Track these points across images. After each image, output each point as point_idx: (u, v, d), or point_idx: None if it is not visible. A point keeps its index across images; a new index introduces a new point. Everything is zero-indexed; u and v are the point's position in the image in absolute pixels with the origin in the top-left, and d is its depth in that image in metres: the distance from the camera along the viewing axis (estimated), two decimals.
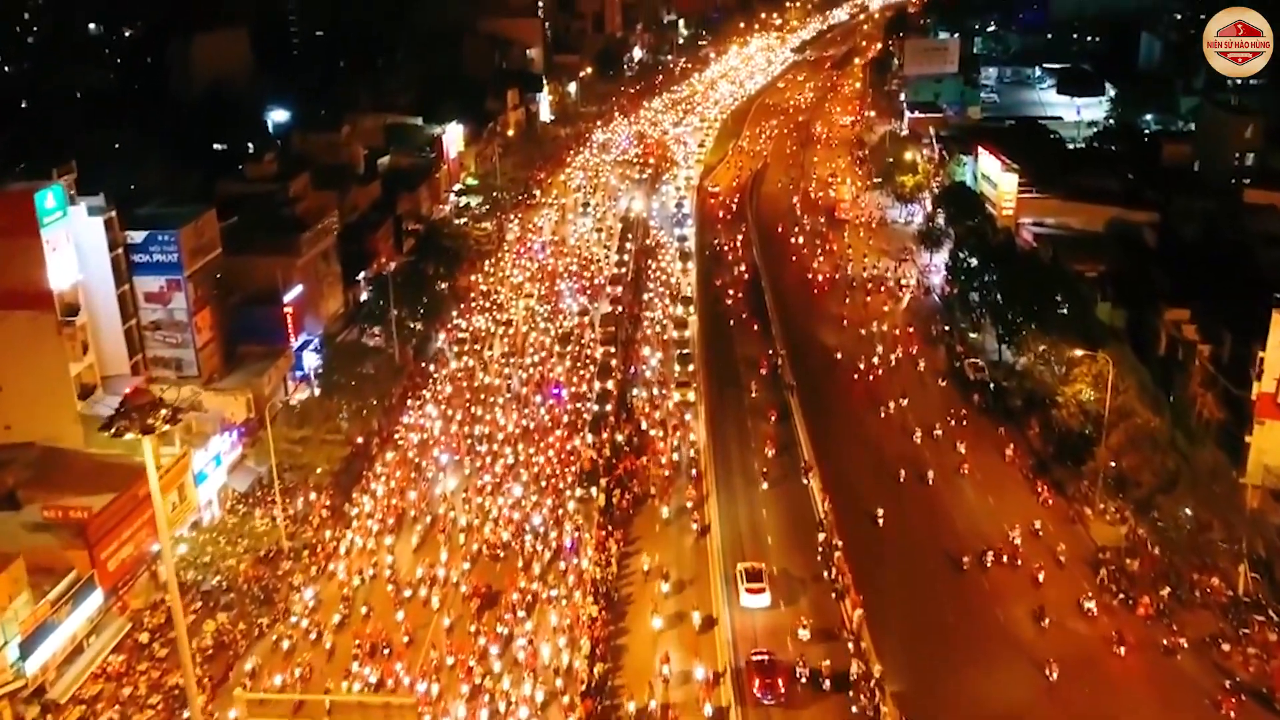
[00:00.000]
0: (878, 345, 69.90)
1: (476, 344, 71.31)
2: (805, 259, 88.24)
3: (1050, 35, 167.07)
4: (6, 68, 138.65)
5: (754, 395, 63.77)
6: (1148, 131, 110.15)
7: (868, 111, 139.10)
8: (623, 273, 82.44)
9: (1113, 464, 49.79)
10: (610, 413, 59.28)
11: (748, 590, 44.14)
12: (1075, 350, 52.35)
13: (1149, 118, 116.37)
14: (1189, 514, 45.83)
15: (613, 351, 67.65)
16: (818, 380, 65.40)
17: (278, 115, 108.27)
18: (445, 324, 73.59)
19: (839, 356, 69.08)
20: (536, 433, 58.52)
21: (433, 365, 68.78)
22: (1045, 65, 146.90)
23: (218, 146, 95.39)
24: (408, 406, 62.65)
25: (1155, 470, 45.40)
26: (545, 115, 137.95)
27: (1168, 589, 44.18)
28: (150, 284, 56.27)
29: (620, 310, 74.58)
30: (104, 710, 39.05)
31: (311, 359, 62.63)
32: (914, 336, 71.65)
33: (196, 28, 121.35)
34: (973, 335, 70.51)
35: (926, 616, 43.66)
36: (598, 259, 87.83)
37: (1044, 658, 40.09)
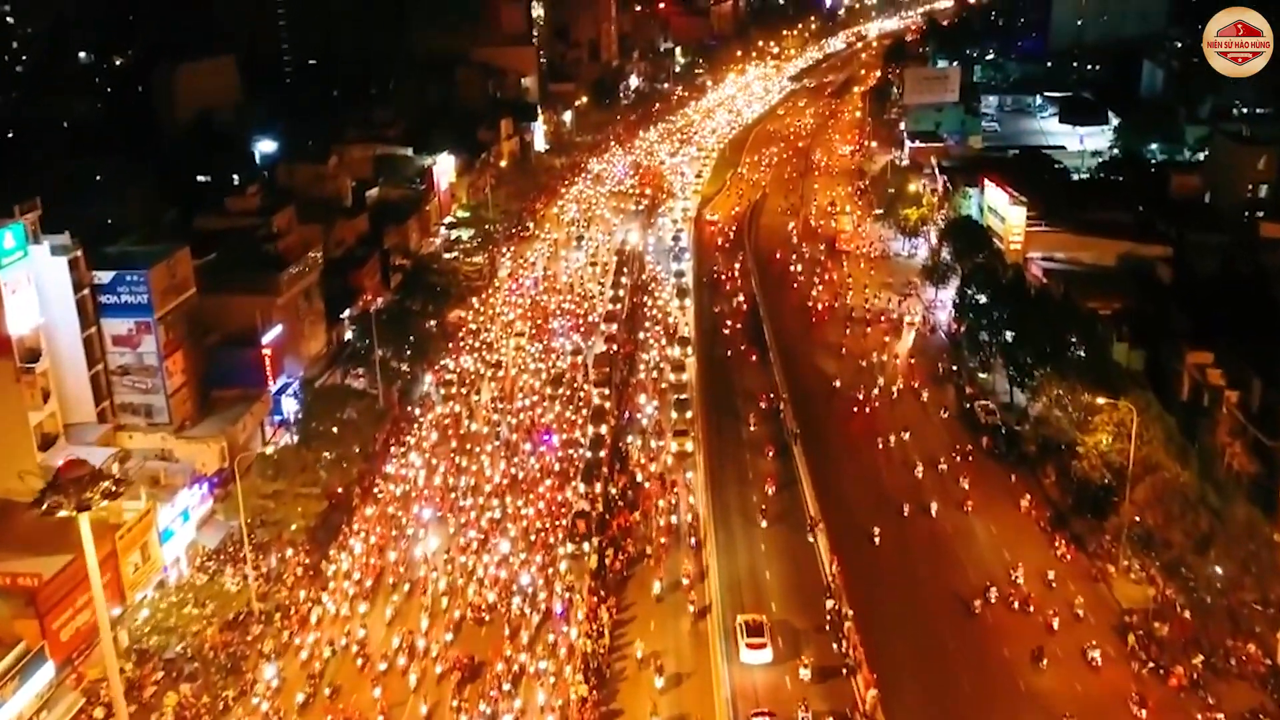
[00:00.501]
0: (878, 377, 68.17)
1: (464, 387, 68.26)
2: (804, 288, 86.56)
3: (1050, 63, 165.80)
4: None
5: (752, 429, 62.08)
6: (1154, 161, 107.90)
7: (868, 141, 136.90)
8: (618, 309, 79.65)
9: (1137, 519, 46.82)
10: (604, 460, 56.28)
11: (748, 646, 41.75)
12: (1096, 397, 49.35)
13: (1154, 147, 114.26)
14: (1221, 573, 42.86)
15: (607, 394, 64.72)
16: (816, 410, 64.17)
17: (265, 145, 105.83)
18: (433, 365, 70.69)
19: (837, 384, 67.81)
20: (525, 483, 55.44)
21: (419, 409, 65.79)
22: (1046, 94, 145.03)
23: (201, 178, 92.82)
24: (391, 454, 59.57)
25: (1186, 529, 42.33)
26: (540, 145, 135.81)
27: (1201, 657, 41.14)
28: (118, 326, 53.48)
29: (615, 349, 71.71)
30: None
31: (291, 404, 59.74)
32: (917, 370, 69.52)
33: (185, 56, 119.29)
34: (982, 375, 67.69)
35: (941, 677, 41.18)
36: (592, 295, 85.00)
37: None
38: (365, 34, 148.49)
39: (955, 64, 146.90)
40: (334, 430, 55.43)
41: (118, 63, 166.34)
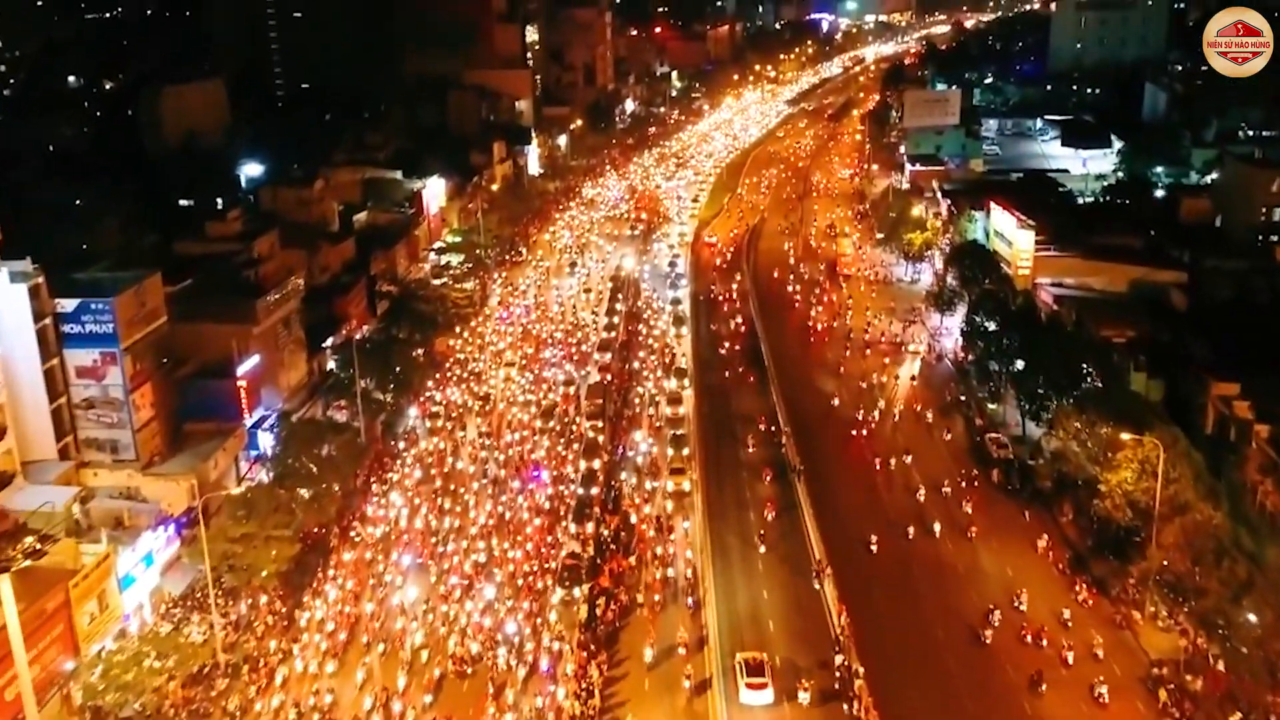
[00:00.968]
0: (879, 399, 66.74)
1: (450, 421, 65.02)
2: (803, 310, 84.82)
3: (1049, 87, 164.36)
4: None
5: (750, 451, 60.49)
6: (1160, 185, 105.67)
7: (870, 165, 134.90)
8: (612, 337, 76.81)
9: (1164, 563, 43.88)
10: (596, 498, 53.26)
11: (748, 686, 39.56)
12: (1120, 432, 46.46)
13: (1159, 170, 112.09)
14: (1255, 621, 39.86)
15: (600, 426, 61.73)
16: (815, 431, 63.20)
17: (252, 169, 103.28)
18: (418, 396, 67.75)
19: (836, 402, 66.95)
20: (513, 523, 52.32)
21: (403, 443, 62.73)
22: (1046, 117, 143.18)
23: (185, 203, 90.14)
24: (372, 493, 56.46)
25: (1222, 576, 39.36)
26: (534, 169, 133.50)
27: (1239, 715, 38.12)
28: (82, 357, 50.52)
29: (609, 380, 68.81)
30: None
31: (269, 438, 56.76)
32: (923, 400, 67.23)
33: (172, 79, 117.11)
34: (992, 406, 64.94)
35: (946, 708, 39.60)
36: (585, 324, 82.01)
37: None
38: (359, 58, 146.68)
39: (955, 87, 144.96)
40: (311, 467, 52.35)
41: (108, 87, 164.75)
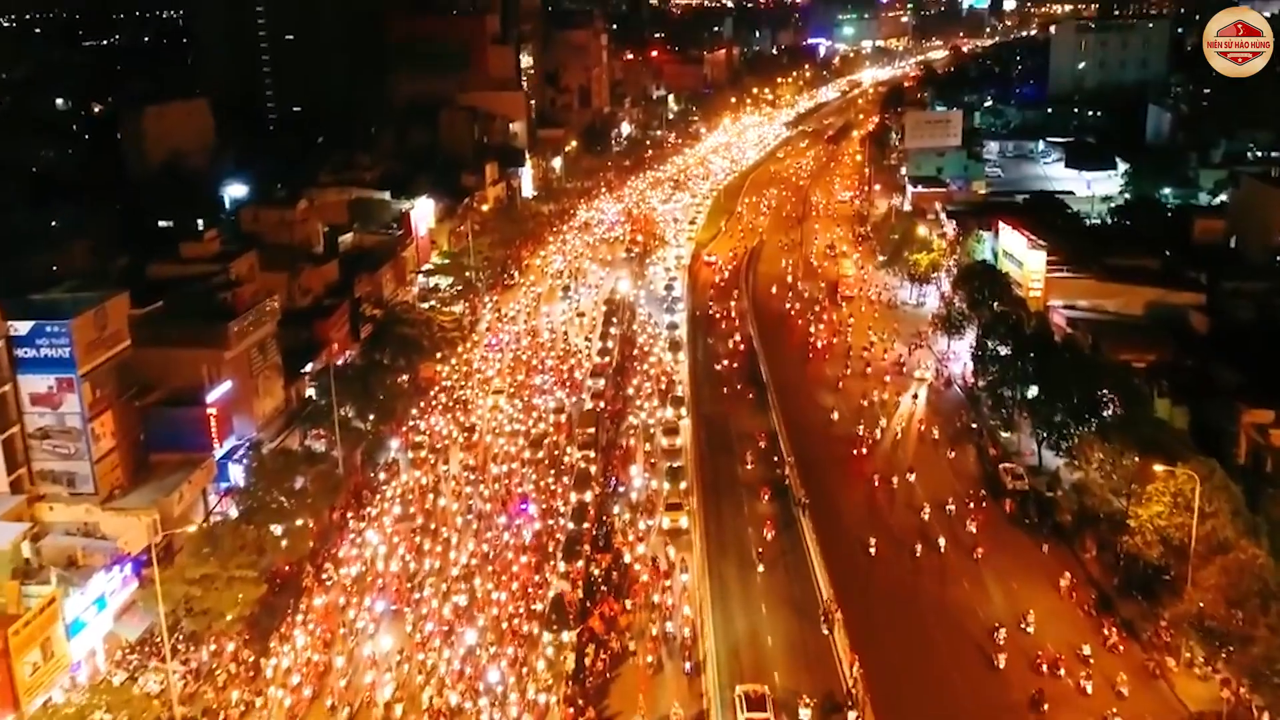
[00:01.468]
0: (880, 417, 65.12)
1: (433, 454, 61.31)
2: (803, 330, 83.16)
3: (1050, 110, 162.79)
4: None
5: (749, 467, 59.06)
6: (1169, 206, 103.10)
7: (872, 185, 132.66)
8: (606, 363, 73.55)
9: (1200, 605, 40.49)
10: (587, 533, 49.82)
11: None
12: (1151, 464, 43.24)
13: (1166, 192, 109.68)
14: None
15: (592, 457, 58.38)
16: (814, 451, 61.49)
17: (236, 190, 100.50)
18: (401, 425, 64.40)
19: (835, 416, 65.88)
20: (497, 562, 48.81)
21: (384, 474, 59.30)
22: (1049, 139, 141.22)
23: (164, 224, 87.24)
24: (348, 529, 52.96)
25: (1271, 623, 35.96)
26: (528, 191, 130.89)
27: None
28: (37, 384, 47.16)
29: (602, 407, 65.54)
30: None
31: (240, 470, 53.37)
32: (928, 420, 64.68)
33: (157, 100, 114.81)
34: (1005, 435, 61.72)
35: None
36: (577, 349, 78.63)
37: None
38: (351, 81, 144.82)
39: (955, 109, 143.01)
40: (283, 501, 48.95)
41: (96, 110, 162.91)
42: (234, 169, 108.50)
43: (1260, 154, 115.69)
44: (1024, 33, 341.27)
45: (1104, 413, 52.60)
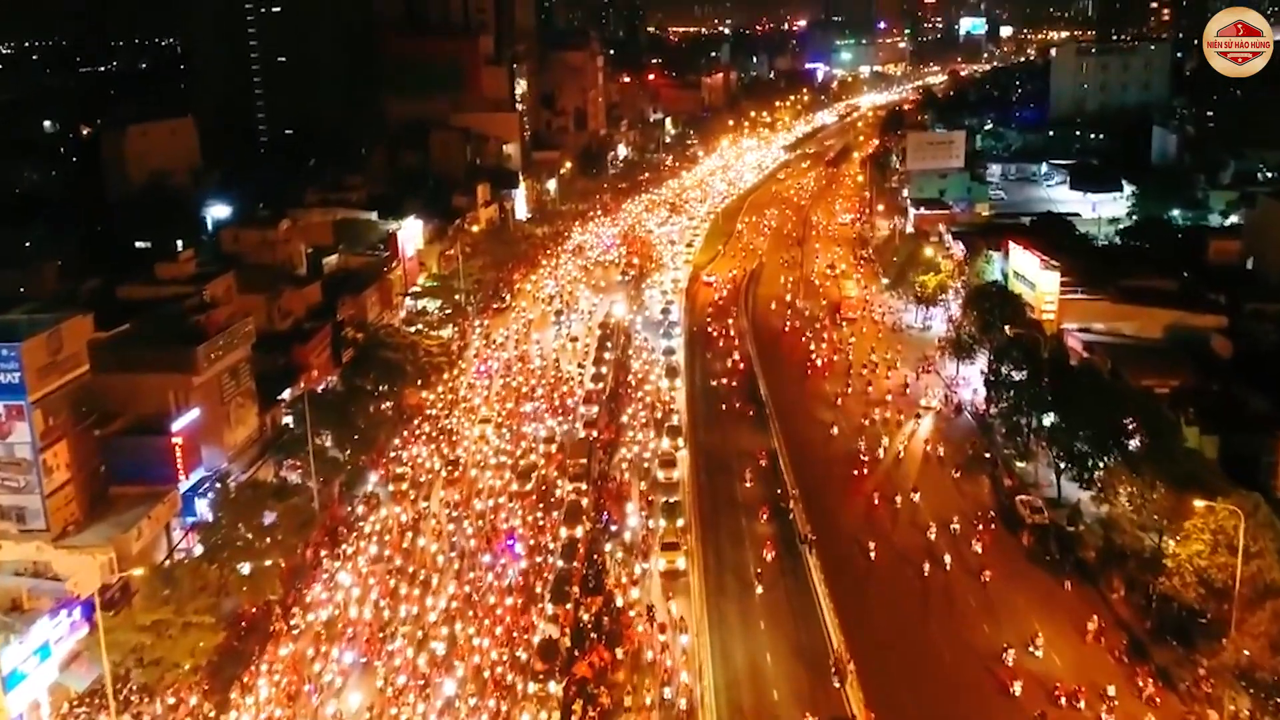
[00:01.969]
0: (882, 436, 63.23)
1: (414, 489, 57.48)
2: (803, 346, 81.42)
3: (1051, 133, 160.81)
4: None
5: (748, 485, 57.40)
6: (1179, 227, 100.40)
7: (875, 207, 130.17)
8: (599, 389, 70.21)
9: (1245, 653, 37.14)
10: (576, 572, 46.31)
11: None
12: (1188, 498, 39.93)
13: (1175, 213, 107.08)
14: None
15: (583, 489, 54.94)
16: (815, 469, 59.82)
17: (219, 211, 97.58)
18: (382, 455, 60.97)
19: (834, 431, 64.51)
20: (480, 605, 45.21)
21: (362, 508, 55.75)
22: (1052, 161, 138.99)
23: (141, 244, 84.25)
24: (322, 568, 49.39)
25: None
26: (521, 213, 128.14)
27: None
28: None
29: (595, 436, 62.17)
30: None
31: (206, 504, 49.94)
32: (940, 457, 60.95)
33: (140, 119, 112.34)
34: (1020, 464, 58.40)
35: None
36: (569, 376, 75.05)
37: None
38: (343, 102, 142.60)
39: (959, 130, 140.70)
40: (250, 538, 45.50)
41: (85, 132, 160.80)
42: (219, 189, 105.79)
43: (1271, 174, 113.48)
44: (1021, 58, 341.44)
45: (1129, 442, 49.27)
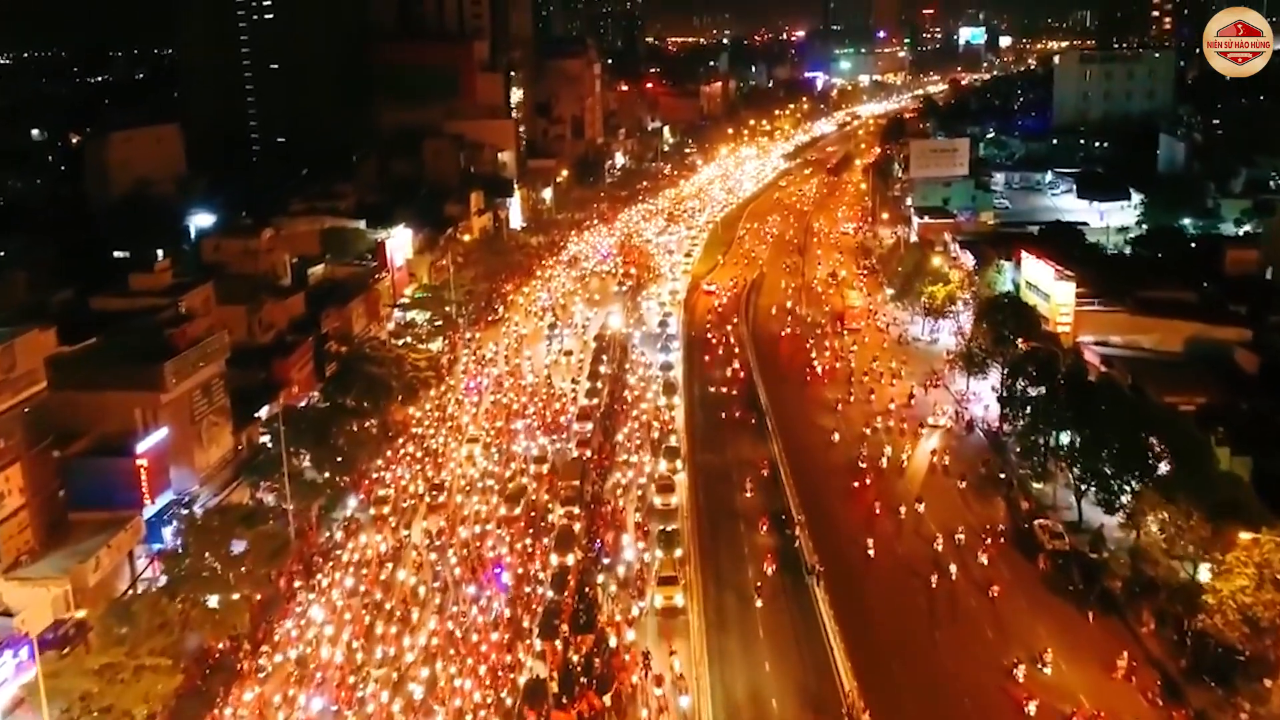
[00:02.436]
0: (886, 445, 61.39)
1: (395, 516, 54.08)
2: (804, 355, 79.95)
3: (1055, 141, 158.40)
4: None
5: (749, 495, 55.86)
6: (1190, 237, 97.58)
7: (880, 215, 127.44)
8: (593, 405, 67.12)
9: None
10: (567, 606, 43.16)
11: None
12: (1230, 528, 36.91)
13: (1186, 222, 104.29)
14: None
15: (576, 513, 51.81)
16: (816, 476, 58.61)
17: (203, 220, 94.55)
18: (364, 477, 57.80)
19: (836, 438, 63.18)
20: (463, 642, 41.98)
21: (340, 533, 52.54)
22: (1056, 170, 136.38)
23: (120, 254, 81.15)
24: (296, 600, 46.13)
25: None
26: (516, 222, 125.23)
27: None
28: None
29: (589, 455, 59.05)
30: None
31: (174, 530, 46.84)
32: (953, 478, 57.99)
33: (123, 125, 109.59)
34: (1037, 486, 55.36)
35: None
36: (562, 392, 71.81)
37: None
38: (336, 110, 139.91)
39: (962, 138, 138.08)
40: (217, 568, 42.37)
41: (74, 140, 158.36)
42: (206, 198, 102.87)
43: None
44: (1020, 68, 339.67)
45: (1157, 463, 46.25)
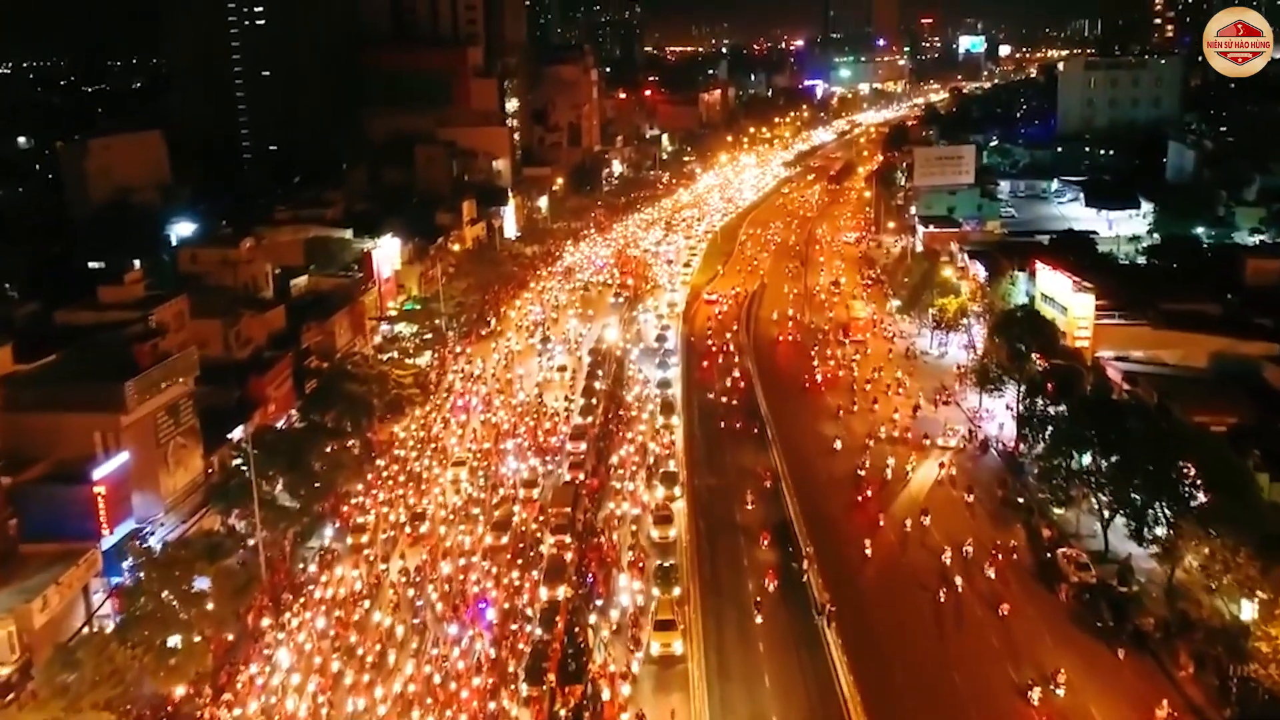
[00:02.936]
0: (889, 456, 59.42)
1: (372, 549, 50.49)
2: (806, 362, 78.49)
3: (1059, 149, 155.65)
4: None
5: (750, 507, 54.40)
6: (1208, 245, 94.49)
7: (885, 224, 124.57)
8: (588, 423, 63.78)
9: None
10: (555, 647, 39.75)
11: None
12: None
13: (1199, 231, 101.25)
14: None
15: (567, 542, 48.40)
16: (818, 487, 57.13)
17: (184, 229, 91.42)
18: (343, 502, 54.38)
19: (837, 445, 61.58)
20: (442, 690, 38.52)
21: (315, 566, 49.06)
22: (1063, 178, 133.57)
23: (94, 265, 77.93)
24: (263, 641, 42.64)
25: None
26: (511, 231, 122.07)
27: None
28: None
29: (581, 479, 55.68)
30: None
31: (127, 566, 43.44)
32: (970, 505, 54.63)
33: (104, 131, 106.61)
34: (1058, 511, 52.00)
35: None
36: (554, 411, 68.37)
37: None
38: (328, 117, 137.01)
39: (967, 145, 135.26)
40: (176, 608, 38.99)
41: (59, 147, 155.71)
42: (189, 206, 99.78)
43: None
44: (1021, 76, 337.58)
45: (1193, 490, 42.94)
